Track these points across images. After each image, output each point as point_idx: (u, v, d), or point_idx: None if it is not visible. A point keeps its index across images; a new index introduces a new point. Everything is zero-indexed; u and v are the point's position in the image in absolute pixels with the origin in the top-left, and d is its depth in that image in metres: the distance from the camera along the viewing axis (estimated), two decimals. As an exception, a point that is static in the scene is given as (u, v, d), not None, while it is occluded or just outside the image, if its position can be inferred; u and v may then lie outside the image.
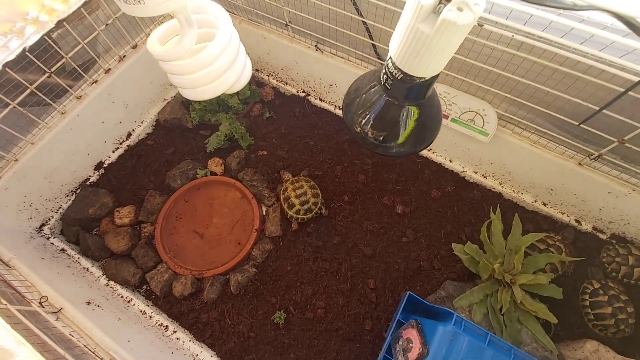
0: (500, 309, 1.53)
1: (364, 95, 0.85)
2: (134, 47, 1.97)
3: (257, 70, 2.32)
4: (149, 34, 2.01)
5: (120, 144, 2.11)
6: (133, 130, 2.14)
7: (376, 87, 0.81)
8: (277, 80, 2.28)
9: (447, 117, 1.70)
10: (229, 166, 2.04)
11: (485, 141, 1.66)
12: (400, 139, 0.83)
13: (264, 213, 1.97)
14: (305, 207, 1.83)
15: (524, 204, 1.91)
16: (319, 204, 1.87)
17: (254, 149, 2.12)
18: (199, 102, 2.08)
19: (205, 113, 2.11)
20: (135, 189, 2.01)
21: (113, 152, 2.09)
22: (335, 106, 2.18)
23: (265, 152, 2.10)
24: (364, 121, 0.84)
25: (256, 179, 1.98)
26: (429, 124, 0.84)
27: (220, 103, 2.11)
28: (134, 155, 2.10)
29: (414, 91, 0.74)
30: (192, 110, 2.08)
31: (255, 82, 2.31)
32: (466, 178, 1.99)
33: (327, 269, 1.80)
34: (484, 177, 1.95)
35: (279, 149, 2.11)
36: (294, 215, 1.85)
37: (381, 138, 0.84)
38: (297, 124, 2.19)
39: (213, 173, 2.05)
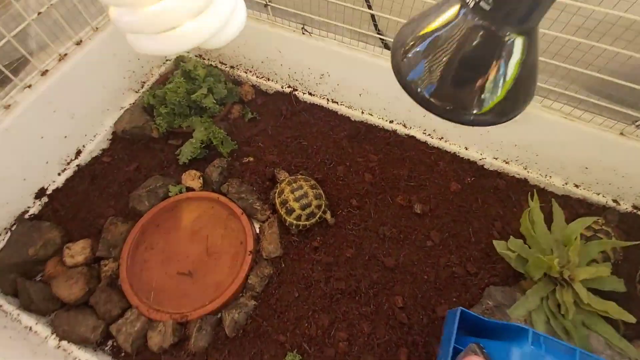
0: (560, 312, 1.26)
1: (435, 33, 0.55)
2: (78, 43, 1.60)
3: (232, 67, 2.01)
4: (97, 28, 1.66)
5: (68, 164, 1.69)
6: (84, 146, 1.73)
7: (457, 12, 0.52)
8: (258, 77, 1.98)
9: (466, 93, 1.46)
10: (208, 179, 1.68)
11: (516, 117, 1.43)
12: (500, 94, 0.55)
13: (258, 230, 1.62)
14: (307, 211, 1.51)
15: (554, 189, 1.69)
16: (323, 207, 1.55)
17: (238, 155, 1.78)
18: (165, 105, 1.72)
19: (173, 118, 1.75)
20: (91, 217, 1.60)
21: (59, 174, 1.66)
22: (327, 99, 1.90)
23: (251, 159, 1.76)
24: (434, 72, 0.55)
25: (244, 191, 1.64)
26: (534, 71, 0.56)
27: (192, 105, 1.77)
28: (87, 176, 1.69)
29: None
30: (157, 115, 1.72)
31: (232, 81, 1.99)
32: (485, 166, 1.76)
33: (344, 289, 1.46)
34: (506, 163, 1.72)
35: (268, 153, 1.78)
36: (294, 222, 1.51)
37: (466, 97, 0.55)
38: (285, 124, 1.88)
39: (189, 189, 1.68)
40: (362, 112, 1.86)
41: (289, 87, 1.94)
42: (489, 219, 1.63)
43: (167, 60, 2.02)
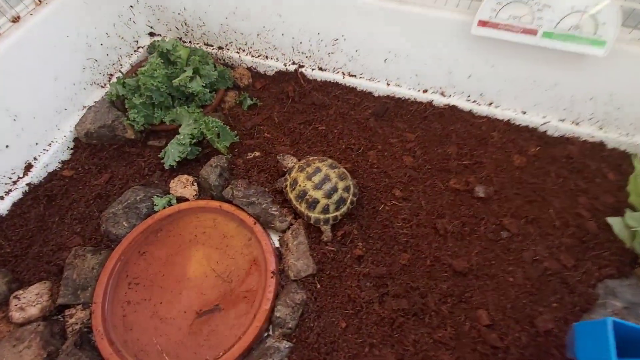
0: None
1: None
2: (15, 20, 1.21)
3: (220, 48, 1.64)
4: (40, 1, 1.28)
5: (14, 182, 1.27)
6: (35, 158, 1.31)
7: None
8: (253, 56, 1.61)
9: (534, 32, 1.13)
10: (205, 183, 1.28)
11: (600, 55, 1.10)
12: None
13: (278, 243, 1.22)
14: (335, 197, 1.13)
15: (639, 149, 1.36)
16: (352, 188, 1.18)
17: (239, 151, 1.39)
18: (140, 94, 1.33)
19: (152, 111, 1.36)
20: (48, 251, 1.17)
21: (1, 198, 1.24)
22: (343, 73, 1.55)
23: (257, 153, 1.38)
24: None
25: (254, 193, 1.24)
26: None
27: (174, 93, 1.38)
28: (42, 197, 1.27)
29: None
30: (130, 108, 1.32)
31: (222, 65, 1.62)
32: (549, 132, 1.42)
33: (407, 310, 1.07)
34: (576, 125, 1.39)
35: (278, 144, 1.40)
36: (321, 217, 1.14)
37: None
38: (294, 108, 1.51)
39: (181, 199, 1.27)
40: (388, 84, 1.51)
41: (294, 63, 1.58)
42: (570, 195, 1.28)
43: (139, 47, 1.63)
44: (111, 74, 1.54)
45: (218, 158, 1.31)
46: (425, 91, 1.48)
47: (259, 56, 1.60)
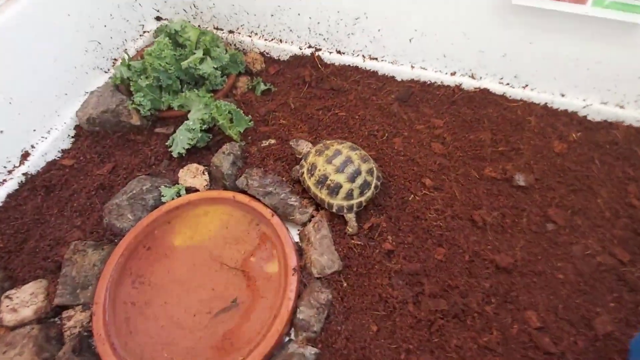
0: None
1: None
2: (11, -5, 1.11)
3: (231, 32, 1.54)
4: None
5: (10, 172, 1.16)
6: (32, 146, 1.21)
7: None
8: (266, 39, 1.51)
9: (584, 0, 1.02)
10: (216, 172, 1.17)
11: (660, 24, 0.98)
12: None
13: (298, 238, 1.10)
14: (359, 181, 1.02)
15: (692, 134, 1.23)
16: (375, 171, 1.07)
17: (253, 139, 1.28)
18: (147, 76, 1.23)
19: (159, 94, 1.26)
20: (45, 246, 1.06)
21: (-5, 189, 1.14)
22: (363, 56, 1.44)
23: (273, 141, 1.27)
24: None
25: (271, 183, 1.13)
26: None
27: (183, 77, 1.28)
28: (39, 188, 1.16)
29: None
30: (136, 91, 1.22)
31: (234, 49, 1.52)
32: (590, 117, 1.30)
33: (446, 311, 0.95)
34: (620, 107, 1.27)
35: (295, 130, 1.29)
36: (344, 204, 1.03)
37: None
38: (311, 94, 1.41)
39: (191, 189, 1.17)
40: (412, 67, 1.40)
41: (310, 46, 1.48)
42: (618, 184, 1.16)
43: (145, 31, 1.54)
44: (115, 59, 1.44)
45: (231, 145, 1.20)
46: (453, 74, 1.37)
47: (272, 40, 1.50)
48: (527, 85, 1.32)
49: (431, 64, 1.38)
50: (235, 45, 1.55)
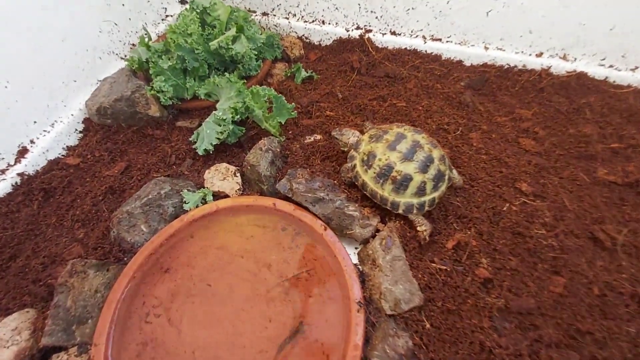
0: None
1: None
2: (13, -40, 0.93)
3: (265, 14, 1.33)
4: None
5: (2, 172, 0.96)
6: (32, 141, 1.01)
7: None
8: (306, 21, 1.29)
9: None
10: (251, 173, 0.93)
11: None
12: None
13: (357, 259, 0.85)
14: (432, 171, 0.80)
15: None
16: (446, 159, 0.83)
17: (294, 134, 1.05)
18: (169, 57, 1.02)
19: (182, 79, 1.04)
20: (36, 265, 0.83)
21: (-17, 192, 0.93)
22: (424, 37, 1.20)
23: (319, 136, 1.03)
24: None
25: (321, 187, 0.88)
26: None
27: (210, 60, 1.06)
28: (36, 192, 0.95)
29: None
30: (156, 74, 1.00)
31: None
32: None
33: (580, 369, 0.66)
34: None
35: (345, 123, 1.05)
36: (415, 202, 0.79)
37: None
38: (362, 82, 1.17)
39: (219, 194, 0.93)
40: (486, 48, 1.15)
41: (358, 28, 1.25)
42: None
43: (167, 15, 1.35)
44: (133, 45, 1.24)
45: (269, 140, 0.97)
46: (539, 55, 1.11)
47: (313, 21, 1.28)
48: (637, 67, 1.05)
49: (511, 43, 1.12)
50: (270, 29, 1.34)
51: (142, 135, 1.06)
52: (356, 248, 0.88)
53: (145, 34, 1.07)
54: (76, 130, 1.08)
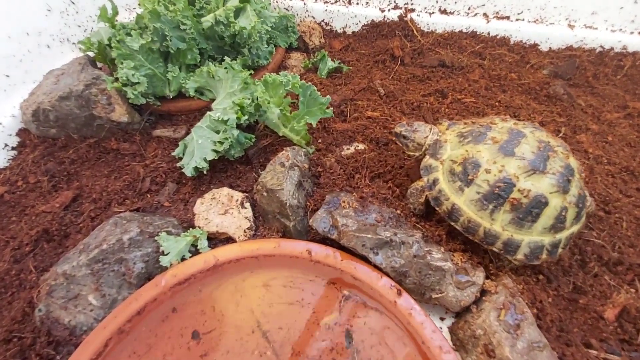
0: None
1: None
2: None
3: (272, -5, 1.05)
4: None
5: None
6: None
7: None
8: (327, 1, 1.01)
9: None
10: (269, 203, 0.60)
11: None
12: None
13: (450, 340, 0.51)
14: (575, 191, 0.51)
15: None
16: (582, 181, 0.52)
17: (325, 142, 0.73)
18: (141, 33, 0.70)
19: (162, 68, 0.72)
20: None
21: None
22: (486, 15, 0.92)
23: (361, 145, 0.71)
24: None
25: (380, 221, 0.56)
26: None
27: (202, 44, 0.75)
28: None
29: None
30: (124, 59, 0.68)
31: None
32: None
33: None
34: None
35: (395, 126, 0.74)
36: (546, 242, 0.53)
37: None
38: (409, 73, 0.88)
39: (218, 238, 0.59)
40: (571, 26, 0.87)
41: (397, 7, 0.97)
42: None
43: (145, -1, 1.04)
44: (93, 30, 0.93)
45: (294, 152, 0.64)
46: (645, 32, 0.83)
47: (336, 1, 1.00)
48: None
49: (606, 19, 0.85)
50: (283, 9, 1.05)
51: (102, 151, 0.72)
52: (442, 318, 0.54)
53: (111, 5, 0.76)
54: (5, 145, 0.74)
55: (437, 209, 0.55)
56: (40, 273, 0.57)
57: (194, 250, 0.59)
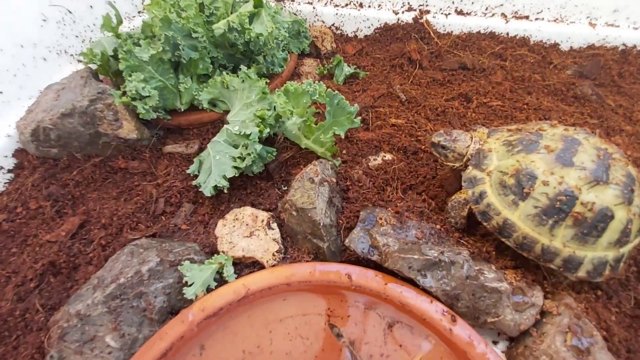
0: None
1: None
2: None
3: None
4: None
5: None
6: None
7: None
8: (337, 5, 0.97)
9: None
10: (299, 223, 0.56)
11: None
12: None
13: (512, 368, 0.46)
14: (638, 201, 0.45)
15: None
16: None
17: (350, 152, 0.68)
18: (149, 43, 0.65)
19: (173, 80, 0.67)
20: None
21: None
22: (505, 16, 0.89)
23: (388, 155, 0.67)
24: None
25: (422, 237, 0.51)
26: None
27: (212, 53, 0.70)
28: None
29: None
30: (132, 72, 0.62)
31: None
32: None
33: None
34: None
35: (422, 133, 0.70)
36: (610, 257, 0.50)
37: None
38: (429, 77, 0.84)
39: (244, 262, 0.54)
40: (592, 24, 0.85)
41: (411, 9, 0.93)
42: None
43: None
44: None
45: (322, 165, 0.60)
46: (671, 29, 0.81)
47: (346, 5, 0.96)
48: None
49: (628, 17, 0.82)
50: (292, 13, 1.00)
51: (108, 171, 0.67)
52: (495, 342, 0.50)
53: (115, 13, 0.71)
54: (1, 168, 0.67)
55: (484, 224, 0.51)
56: (48, 312, 0.51)
57: (219, 279, 0.54)
